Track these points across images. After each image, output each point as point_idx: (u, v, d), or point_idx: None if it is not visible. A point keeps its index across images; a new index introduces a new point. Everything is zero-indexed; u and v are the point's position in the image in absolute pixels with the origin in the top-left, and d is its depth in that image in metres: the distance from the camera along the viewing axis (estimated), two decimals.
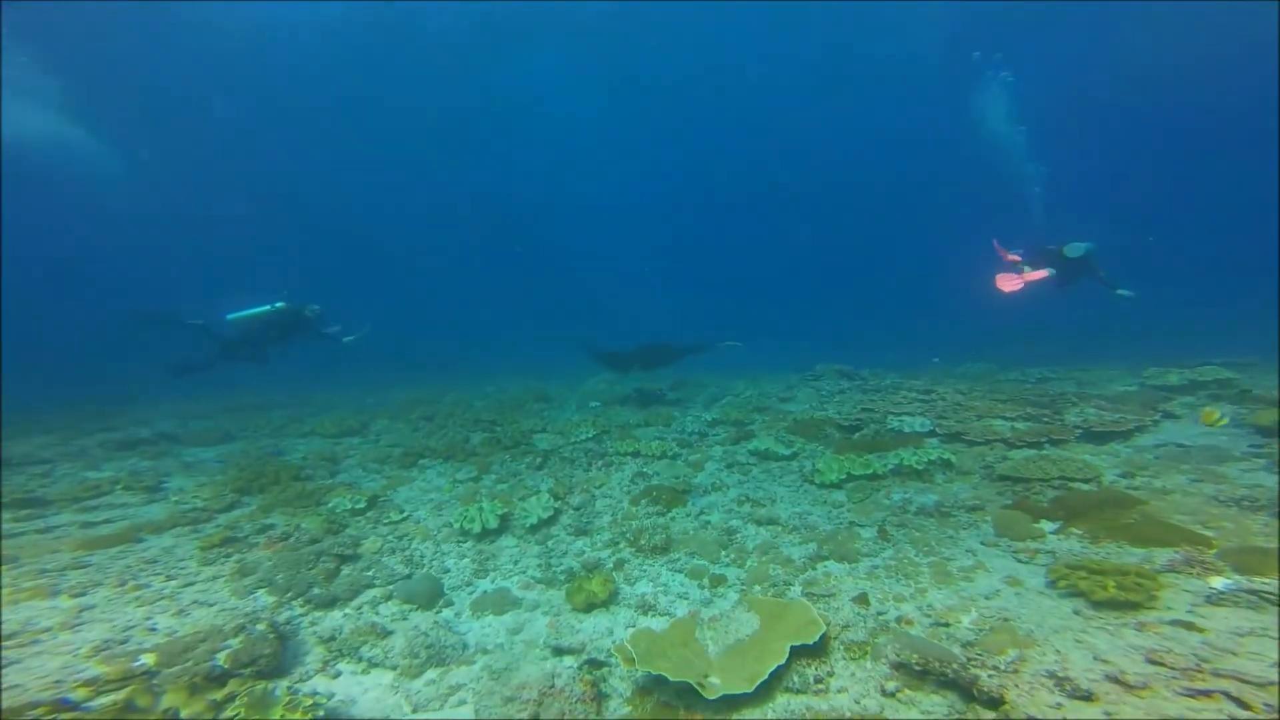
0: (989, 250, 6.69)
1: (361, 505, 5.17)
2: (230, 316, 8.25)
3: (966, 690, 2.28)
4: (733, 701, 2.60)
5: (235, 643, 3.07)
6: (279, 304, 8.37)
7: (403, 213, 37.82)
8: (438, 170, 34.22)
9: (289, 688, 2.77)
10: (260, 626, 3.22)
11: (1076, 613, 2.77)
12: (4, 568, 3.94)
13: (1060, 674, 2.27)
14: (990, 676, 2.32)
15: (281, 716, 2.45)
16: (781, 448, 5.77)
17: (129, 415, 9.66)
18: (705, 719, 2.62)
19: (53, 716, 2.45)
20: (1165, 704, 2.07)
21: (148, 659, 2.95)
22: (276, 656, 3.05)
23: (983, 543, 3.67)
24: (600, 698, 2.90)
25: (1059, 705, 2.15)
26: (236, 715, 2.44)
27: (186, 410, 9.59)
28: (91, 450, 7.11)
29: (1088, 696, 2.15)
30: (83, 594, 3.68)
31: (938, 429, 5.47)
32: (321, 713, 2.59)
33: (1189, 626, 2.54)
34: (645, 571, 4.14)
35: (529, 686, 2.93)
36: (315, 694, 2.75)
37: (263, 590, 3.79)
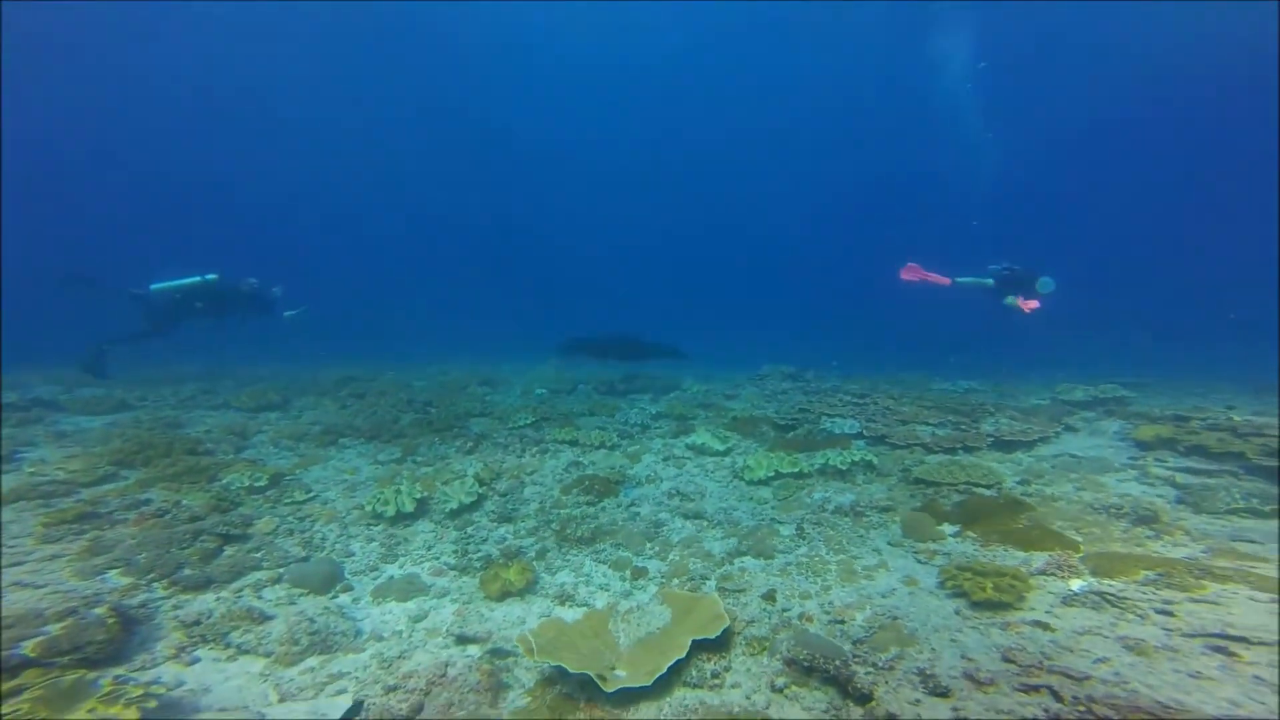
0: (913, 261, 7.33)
1: (262, 483, 4.71)
2: (155, 286, 7.67)
3: (844, 687, 2.31)
4: (631, 695, 2.47)
5: (55, 628, 2.64)
6: (211, 276, 7.79)
7: (392, 202, 36.81)
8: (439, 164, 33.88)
9: (117, 677, 2.40)
10: (99, 610, 2.80)
11: (957, 612, 2.86)
12: None
13: (928, 671, 2.33)
14: (866, 674, 2.35)
15: (92, 709, 2.09)
16: (718, 443, 5.74)
17: (14, 377, 8.54)
18: (603, 713, 2.48)
19: None
20: (1002, 699, 2.18)
21: None
22: (113, 643, 2.64)
23: (889, 543, 3.73)
24: (499, 688, 2.69)
25: (917, 701, 2.19)
26: (20, 708, 2.05)
27: (79, 378, 8.55)
28: None
29: (945, 693, 2.22)
30: None
31: (865, 431, 5.59)
32: (153, 704, 2.24)
33: (1044, 626, 2.69)
34: (569, 561, 3.96)
35: (417, 675, 2.69)
36: (156, 683, 2.40)
37: (115, 571, 3.33)
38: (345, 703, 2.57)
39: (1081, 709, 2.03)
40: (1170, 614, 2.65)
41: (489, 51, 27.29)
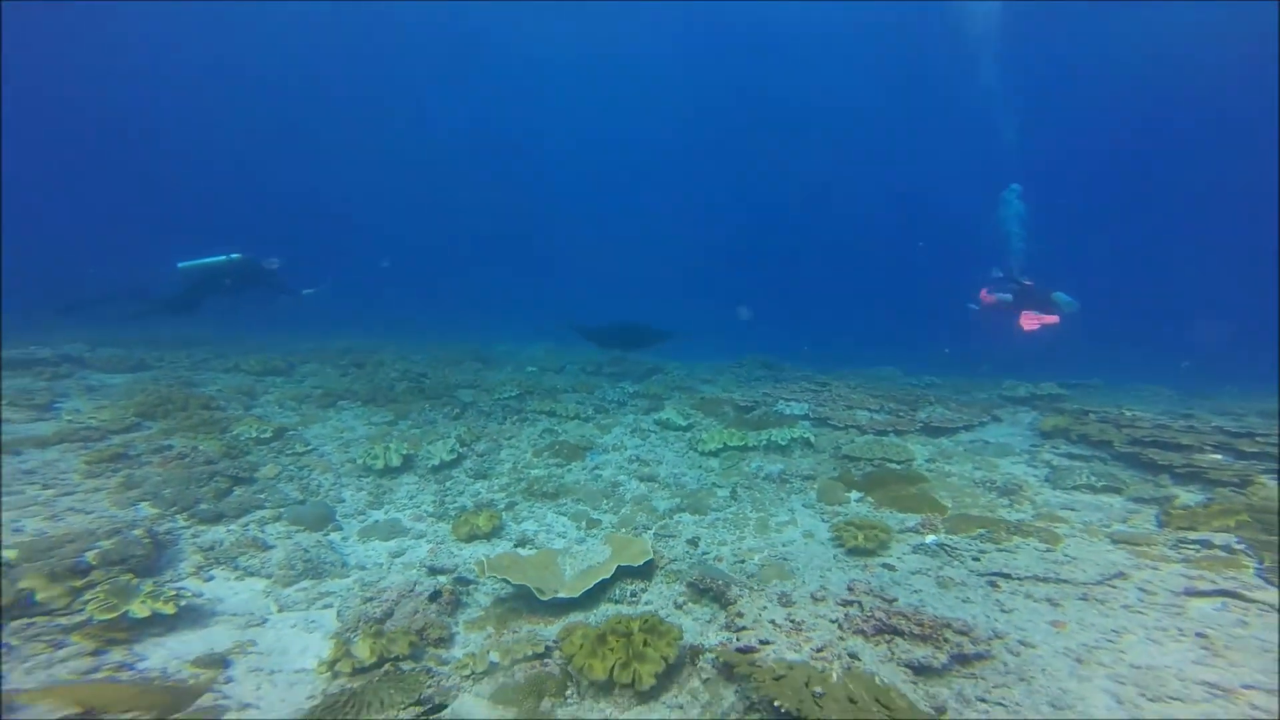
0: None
1: (267, 435, 5.31)
2: (182, 265, 8.16)
3: (721, 600, 2.96)
4: (562, 605, 3.06)
5: (107, 544, 3.26)
6: (235, 255, 8.28)
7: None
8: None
9: (155, 581, 3.01)
10: (136, 532, 3.42)
11: (834, 557, 3.46)
12: None
13: (787, 592, 3.00)
14: (738, 592, 3.00)
15: (143, 601, 2.70)
16: (681, 419, 6.28)
17: (30, 336, 9.18)
18: (541, 621, 3.07)
19: None
20: (829, 610, 2.88)
21: (9, 554, 3.08)
22: (149, 559, 3.26)
23: (804, 505, 4.32)
24: (458, 605, 3.30)
25: (765, 607, 2.86)
26: (95, 599, 2.68)
27: (100, 337, 9.18)
28: None
29: (789, 603, 2.91)
30: None
31: (812, 414, 6.12)
32: (184, 602, 2.86)
33: (890, 568, 3.41)
34: (533, 513, 4.54)
35: (390, 590, 3.30)
36: (183, 590, 3.01)
37: (146, 503, 3.95)
38: (331, 615, 3.17)
39: (877, 614, 2.71)
40: (978, 560, 3.24)
41: (512, 50, 27.55)
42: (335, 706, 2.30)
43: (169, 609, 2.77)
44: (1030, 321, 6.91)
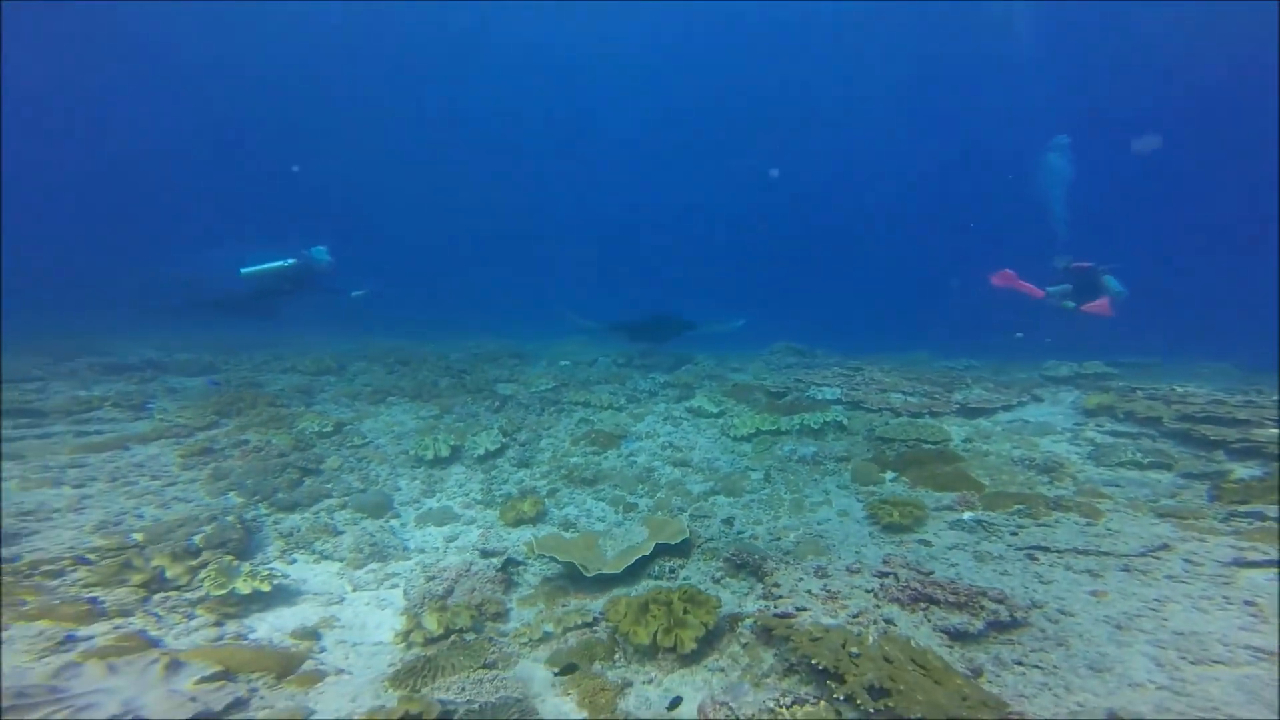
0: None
1: (329, 430, 5.76)
2: (244, 271, 8.62)
3: (757, 574, 3.10)
4: (606, 580, 3.29)
5: (208, 529, 3.70)
6: (290, 260, 8.83)
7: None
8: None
9: (251, 563, 3.41)
10: (230, 519, 3.85)
11: (870, 534, 3.54)
12: (11, 463, 4.52)
13: (823, 566, 3.11)
14: (774, 565, 3.14)
15: (244, 580, 3.09)
16: (713, 406, 6.41)
17: (116, 343, 10.10)
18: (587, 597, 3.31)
19: (74, 566, 3.11)
20: (865, 580, 3.00)
21: (137, 536, 3.58)
22: (243, 543, 3.67)
23: (838, 486, 4.40)
24: (510, 584, 3.58)
25: (800, 579, 2.97)
26: (208, 577, 3.08)
27: (171, 343, 10.02)
28: (81, 372, 7.58)
29: (825, 575, 3.03)
30: (82, 486, 4.27)
31: (845, 398, 6.13)
32: (276, 581, 3.24)
33: (926, 543, 3.47)
34: (573, 499, 4.79)
35: (449, 570, 3.61)
36: (274, 571, 3.39)
37: (233, 493, 4.40)
38: (398, 594, 3.49)
39: (912, 584, 2.79)
40: (1016, 534, 3.25)
41: (523, 46, 27.95)
42: (415, 670, 2.59)
43: (265, 587, 3.15)
44: (1096, 307, 6.40)
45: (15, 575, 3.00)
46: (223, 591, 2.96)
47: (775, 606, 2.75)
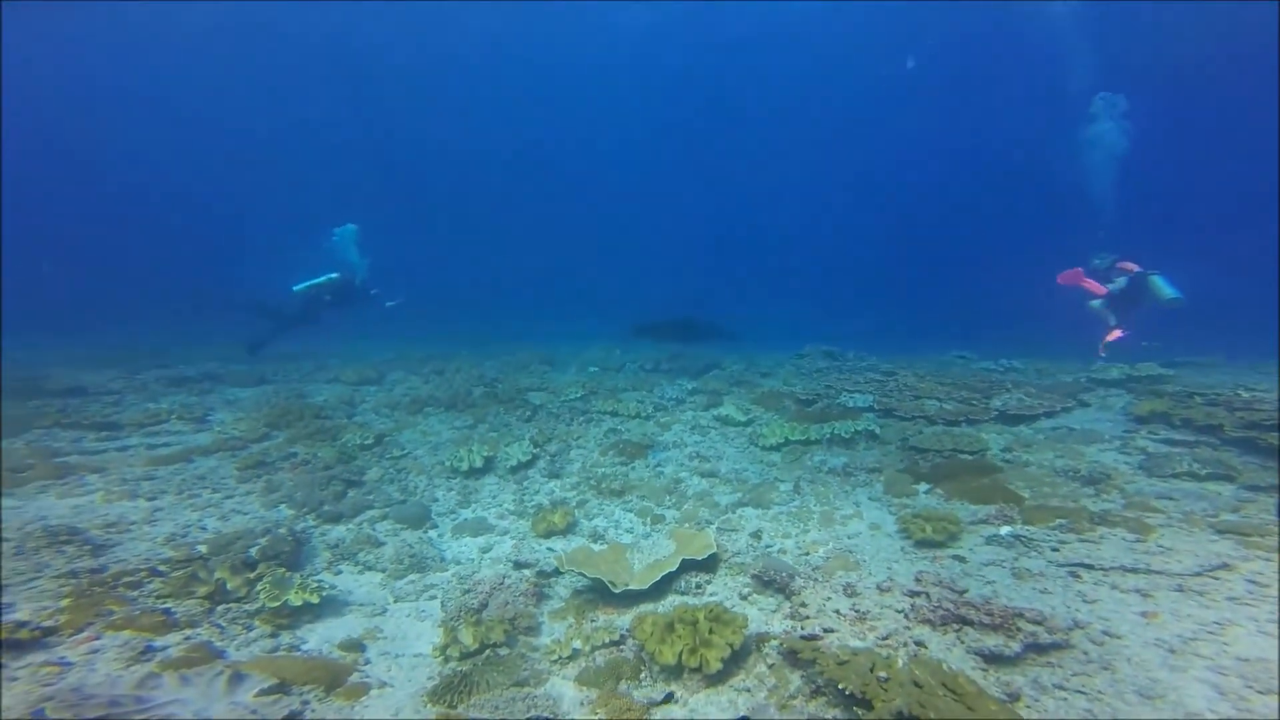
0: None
1: (370, 442, 6.05)
2: (296, 288, 9.67)
3: (785, 591, 3.07)
4: (633, 596, 3.35)
5: (263, 541, 3.96)
6: (334, 275, 9.79)
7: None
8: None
9: (301, 575, 3.64)
10: (282, 531, 4.11)
11: (902, 549, 3.44)
12: (96, 476, 4.98)
13: (852, 584, 3.06)
14: (801, 583, 3.09)
15: (296, 592, 3.31)
16: (740, 415, 6.38)
17: (177, 355, 10.90)
18: (614, 611, 3.38)
19: (149, 577, 3.42)
20: (895, 600, 2.94)
21: (202, 548, 3.89)
22: (294, 555, 3.92)
23: (870, 498, 4.30)
24: (541, 596, 3.69)
25: (828, 598, 2.93)
26: (264, 589, 3.31)
27: (227, 354, 10.73)
28: (150, 385, 8.22)
29: (854, 594, 2.97)
30: (154, 499, 4.66)
31: (877, 405, 5.98)
32: (324, 593, 3.45)
33: (961, 559, 3.34)
34: (602, 510, 4.88)
35: (484, 582, 3.74)
36: (322, 583, 3.62)
37: (284, 505, 4.70)
38: (436, 606, 3.65)
39: (945, 604, 2.72)
40: (1057, 550, 3.11)
41: (545, 53, 28.40)
42: (452, 686, 2.72)
43: (315, 599, 3.36)
44: (1114, 335, 6.00)
45: (104, 586, 3.31)
46: (277, 604, 3.17)
47: (802, 628, 2.74)
